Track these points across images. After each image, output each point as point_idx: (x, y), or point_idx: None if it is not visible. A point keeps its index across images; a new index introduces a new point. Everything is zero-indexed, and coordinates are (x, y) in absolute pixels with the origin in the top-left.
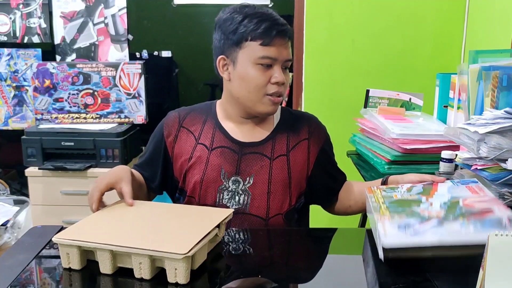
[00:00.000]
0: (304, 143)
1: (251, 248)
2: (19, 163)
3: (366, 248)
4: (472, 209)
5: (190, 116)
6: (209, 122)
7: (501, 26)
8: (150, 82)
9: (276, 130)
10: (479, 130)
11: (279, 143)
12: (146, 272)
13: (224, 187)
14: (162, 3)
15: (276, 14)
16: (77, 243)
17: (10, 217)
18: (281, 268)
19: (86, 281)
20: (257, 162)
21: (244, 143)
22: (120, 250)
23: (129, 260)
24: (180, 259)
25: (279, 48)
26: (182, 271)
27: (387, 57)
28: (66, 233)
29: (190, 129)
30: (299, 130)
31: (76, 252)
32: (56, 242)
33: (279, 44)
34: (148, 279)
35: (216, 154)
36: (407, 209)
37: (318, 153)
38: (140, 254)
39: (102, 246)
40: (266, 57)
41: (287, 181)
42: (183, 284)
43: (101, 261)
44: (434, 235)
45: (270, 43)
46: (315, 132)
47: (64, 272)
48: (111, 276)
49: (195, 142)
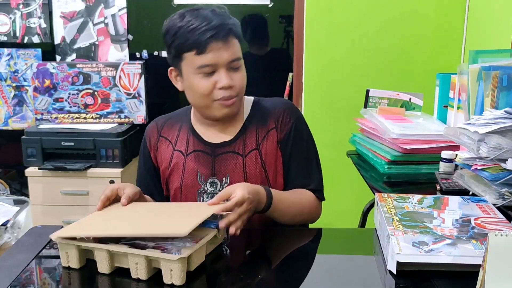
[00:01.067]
0: (272, 133)
1: (250, 249)
2: (19, 163)
3: (366, 248)
4: (484, 230)
5: (167, 125)
6: (184, 127)
7: (501, 26)
8: (150, 82)
9: (246, 125)
10: (479, 130)
11: (250, 138)
12: (142, 273)
13: (202, 190)
14: (162, 3)
15: (216, 15)
16: (75, 243)
17: (10, 217)
18: (281, 268)
19: (84, 280)
20: (230, 161)
21: (216, 144)
22: (117, 250)
23: (126, 260)
24: (175, 260)
25: (217, 52)
26: (177, 272)
27: (387, 57)
28: (65, 231)
29: (168, 138)
30: (267, 120)
31: (74, 251)
32: (55, 241)
33: (216, 49)
34: (144, 280)
35: (191, 158)
36: (419, 224)
37: (283, 140)
38: (136, 254)
39: (99, 246)
40: (204, 66)
41: (263, 175)
42: (179, 285)
43: (99, 261)
44: (447, 256)
45: (204, 50)
46: (280, 119)
47: (63, 271)
48: (109, 276)
49: (172, 150)
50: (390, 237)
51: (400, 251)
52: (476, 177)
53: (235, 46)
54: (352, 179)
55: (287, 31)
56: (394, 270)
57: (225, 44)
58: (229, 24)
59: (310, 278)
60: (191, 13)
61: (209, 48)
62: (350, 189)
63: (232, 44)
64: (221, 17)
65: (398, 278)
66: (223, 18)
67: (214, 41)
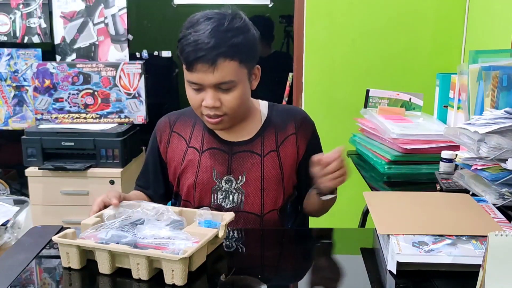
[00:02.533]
0: (292, 138)
1: (251, 249)
2: (19, 163)
3: (366, 248)
4: None
5: (180, 121)
6: (198, 125)
7: (501, 26)
8: (150, 82)
9: (264, 126)
10: (479, 130)
11: (268, 139)
12: (143, 273)
13: (217, 187)
14: (162, 3)
15: (217, 32)
16: (76, 243)
17: (10, 217)
18: (281, 268)
19: (85, 280)
20: (248, 160)
21: (233, 142)
22: (118, 250)
23: (127, 261)
24: (177, 260)
25: (204, 74)
26: (179, 273)
27: (387, 57)
28: (66, 233)
29: (181, 134)
30: (286, 125)
31: (75, 251)
32: (56, 242)
33: (202, 70)
34: (145, 280)
35: (206, 155)
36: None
37: (307, 146)
38: (137, 254)
39: (100, 246)
40: (191, 82)
41: (280, 177)
42: (180, 285)
43: (100, 261)
44: (447, 256)
45: (191, 69)
46: (302, 126)
47: (64, 271)
48: (110, 276)
49: (186, 146)
50: (390, 237)
51: (400, 251)
52: (476, 177)
53: (225, 68)
54: (352, 179)
55: (287, 31)
56: (394, 270)
57: (211, 67)
58: (223, 46)
59: (310, 278)
60: (197, 24)
61: (195, 68)
62: (350, 189)
63: (221, 67)
64: (220, 37)
65: (398, 278)
66: (221, 38)
67: (200, 62)
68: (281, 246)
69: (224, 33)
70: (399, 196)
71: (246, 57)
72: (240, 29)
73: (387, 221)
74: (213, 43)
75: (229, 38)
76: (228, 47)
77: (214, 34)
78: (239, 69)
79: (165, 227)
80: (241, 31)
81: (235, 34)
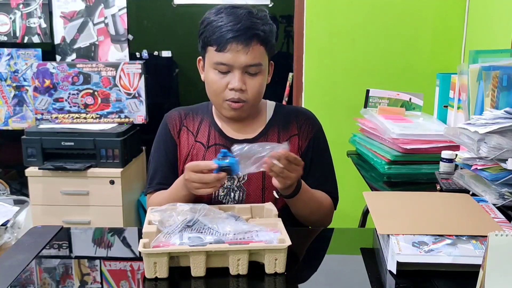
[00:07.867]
0: (294, 139)
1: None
2: (19, 163)
3: (366, 248)
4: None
5: (189, 116)
6: (206, 121)
7: (501, 26)
8: (150, 82)
9: (268, 126)
10: (479, 130)
11: (271, 139)
12: (244, 268)
13: None
14: (162, 3)
15: (249, 17)
16: (168, 250)
17: (10, 217)
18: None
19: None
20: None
21: (237, 140)
22: (220, 250)
23: (220, 260)
24: (282, 249)
25: (236, 54)
26: (282, 261)
27: (387, 57)
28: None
29: (189, 128)
30: (289, 126)
31: (165, 260)
32: (144, 253)
33: (236, 50)
34: (244, 275)
35: (211, 151)
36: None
37: (308, 147)
38: (240, 250)
39: (199, 248)
40: (220, 63)
41: None
42: (282, 272)
43: (195, 265)
44: (447, 256)
45: (223, 49)
46: (303, 127)
47: (147, 283)
48: (204, 279)
49: (193, 140)
50: (390, 237)
51: (400, 251)
52: (476, 177)
53: (256, 51)
54: (352, 179)
55: (287, 31)
56: (394, 270)
57: (245, 48)
58: (257, 29)
59: (310, 278)
60: (227, 10)
61: (229, 47)
62: (350, 189)
63: (253, 49)
64: (253, 21)
65: (398, 278)
66: (254, 22)
67: (235, 42)
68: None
69: (256, 19)
70: (399, 196)
71: (270, 46)
72: (268, 19)
73: (387, 221)
74: (249, 25)
75: (260, 24)
76: (260, 32)
77: (248, 18)
78: (265, 56)
79: (235, 222)
80: (268, 22)
81: (264, 22)
